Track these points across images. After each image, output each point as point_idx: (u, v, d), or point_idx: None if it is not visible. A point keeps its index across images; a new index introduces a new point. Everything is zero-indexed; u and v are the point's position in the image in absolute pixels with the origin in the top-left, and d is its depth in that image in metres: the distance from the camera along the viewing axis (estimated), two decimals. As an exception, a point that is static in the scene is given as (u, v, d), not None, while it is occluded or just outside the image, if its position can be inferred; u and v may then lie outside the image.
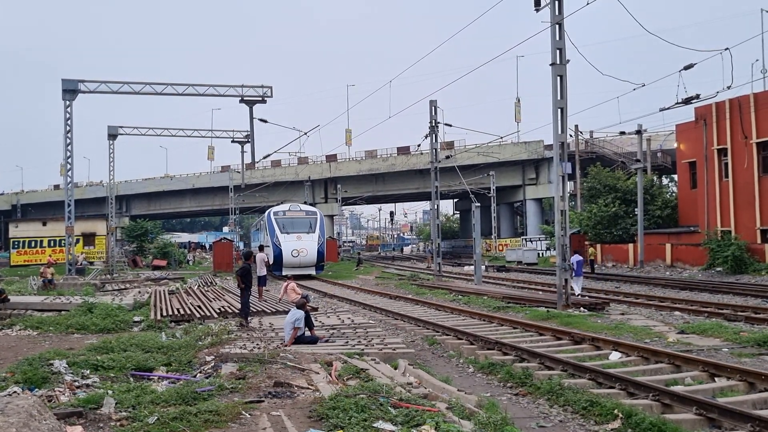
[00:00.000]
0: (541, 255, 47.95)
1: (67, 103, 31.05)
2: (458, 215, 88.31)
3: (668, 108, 24.14)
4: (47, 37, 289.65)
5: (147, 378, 9.46)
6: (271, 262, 32.16)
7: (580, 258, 20.88)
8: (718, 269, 30.02)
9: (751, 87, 33.83)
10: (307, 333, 12.07)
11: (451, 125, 45.62)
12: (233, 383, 8.59)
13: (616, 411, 7.09)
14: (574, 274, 19.41)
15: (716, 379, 8.92)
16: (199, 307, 18.42)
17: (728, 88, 19.47)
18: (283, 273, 31.87)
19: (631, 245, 38.23)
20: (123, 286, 29.61)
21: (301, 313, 11.92)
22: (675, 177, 48.96)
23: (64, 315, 16.84)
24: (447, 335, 13.28)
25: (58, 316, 16.69)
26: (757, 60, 63.28)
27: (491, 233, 60.07)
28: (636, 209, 36.99)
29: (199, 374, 9.76)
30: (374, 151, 66.85)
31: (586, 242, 40.85)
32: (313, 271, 34.14)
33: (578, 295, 20.01)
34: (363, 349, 10.90)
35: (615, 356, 10.62)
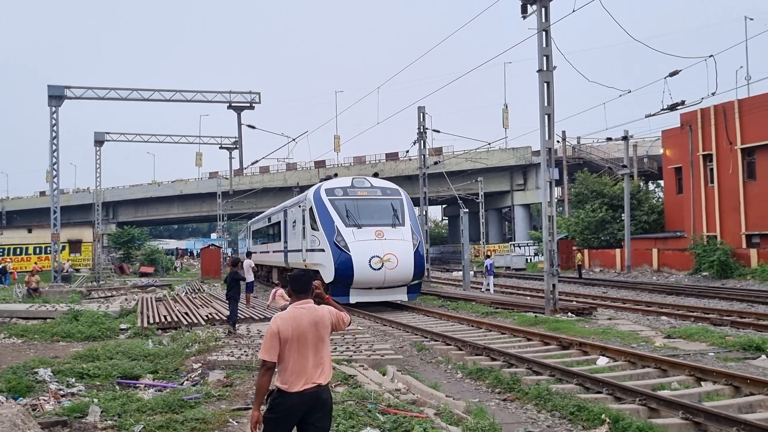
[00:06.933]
0: (529, 260, 48.13)
1: (53, 109, 30.85)
2: (447, 221, 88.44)
3: (654, 114, 24.35)
4: (32, 43, 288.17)
5: (133, 386, 9.39)
6: (327, 278, 19.22)
7: (493, 261, 27.87)
8: (704, 274, 30.26)
9: (736, 93, 34.26)
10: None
11: (439, 131, 45.56)
12: (220, 391, 8.54)
13: (603, 416, 7.12)
14: (488, 274, 26.03)
15: (702, 383, 8.97)
16: (187, 314, 18.31)
17: (713, 94, 19.64)
18: (352, 300, 19.10)
19: (618, 250, 38.46)
20: (109, 294, 29.38)
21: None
22: (661, 182, 49.41)
23: (50, 323, 16.66)
24: (435, 341, 13.27)
25: (44, 324, 16.52)
26: (741, 67, 63.78)
27: (480, 239, 60.23)
28: (623, 214, 37.25)
29: (186, 382, 9.70)
30: (363, 157, 66.91)
31: (574, 247, 41.07)
32: (404, 296, 19.99)
33: (492, 291, 25.20)
34: (351, 356, 10.87)
35: (602, 361, 10.66)
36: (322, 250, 19.73)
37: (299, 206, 22.84)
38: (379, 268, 18.79)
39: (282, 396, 4.36)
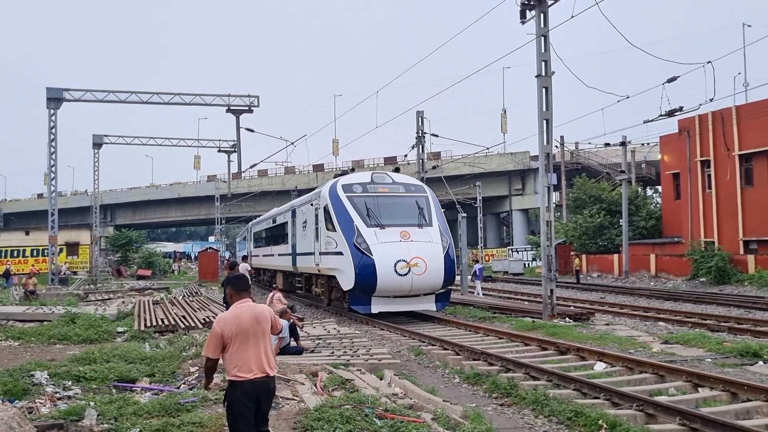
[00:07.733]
0: (527, 265, 48.18)
1: (52, 111, 30.87)
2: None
3: (652, 120, 24.41)
4: (30, 44, 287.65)
5: (130, 389, 9.36)
6: (346, 284, 17.34)
7: (481, 266, 29.48)
8: (702, 280, 30.28)
9: (734, 100, 34.44)
10: (293, 343, 12.02)
11: (437, 136, 46.19)
12: (217, 394, 8.51)
13: (600, 421, 7.11)
14: (475, 278, 27.15)
15: (699, 389, 8.97)
16: (184, 317, 18.28)
17: (711, 100, 19.73)
18: (374, 310, 17.03)
19: (616, 256, 38.49)
20: (107, 296, 29.33)
21: (286, 323, 11.87)
22: (659, 188, 49.50)
23: (47, 325, 16.66)
24: (433, 345, 13.27)
25: (40, 327, 16.51)
26: (739, 73, 64.69)
27: (478, 243, 60.29)
28: (621, 220, 37.30)
29: (182, 385, 9.68)
30: (361, 161, 66.98)
31: (572, 253, 41.10)
32: (432, 305, 17.75)
33: (480, 294, 26.14)
34: (349, 360, 10.86)
35: (600, 366, 10.66)
36: (340, 254, 17.54)
37: (311, 204, 20.63)
38: (406, 274, 16.56)
39: (233, 386, 4.81)
